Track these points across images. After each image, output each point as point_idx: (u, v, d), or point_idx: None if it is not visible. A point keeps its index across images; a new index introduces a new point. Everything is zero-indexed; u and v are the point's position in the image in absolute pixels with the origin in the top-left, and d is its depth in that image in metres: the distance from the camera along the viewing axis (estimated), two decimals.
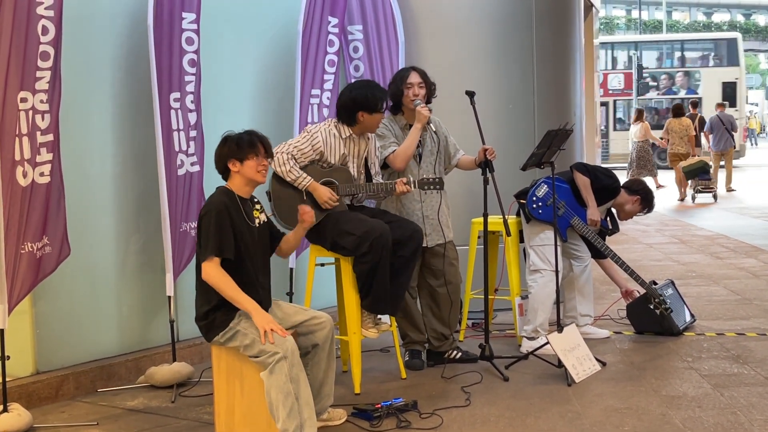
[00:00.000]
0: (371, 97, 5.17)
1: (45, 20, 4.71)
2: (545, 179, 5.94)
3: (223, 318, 4.16)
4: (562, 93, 7.69)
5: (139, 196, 5.80)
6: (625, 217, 6.37)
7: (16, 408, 4.66)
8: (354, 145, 5.28)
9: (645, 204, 6.31)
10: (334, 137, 5.20)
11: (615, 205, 6.29)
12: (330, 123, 5.28)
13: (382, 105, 5.21)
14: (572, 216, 5.99)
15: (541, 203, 5.92)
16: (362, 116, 5.19)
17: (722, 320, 6.76)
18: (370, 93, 5.18)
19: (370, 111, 5.18)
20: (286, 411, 3.96)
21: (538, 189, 5.94)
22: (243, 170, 4.23)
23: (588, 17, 13.26)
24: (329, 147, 5.17)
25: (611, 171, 6.30)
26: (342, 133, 5.23)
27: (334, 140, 5.20)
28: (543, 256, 5.91)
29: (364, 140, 5.34)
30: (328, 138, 5.19)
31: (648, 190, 6.35)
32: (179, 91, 5.55)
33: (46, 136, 4.77)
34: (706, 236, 12.04)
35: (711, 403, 4.73)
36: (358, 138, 5.29)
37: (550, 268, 5.86)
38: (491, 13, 7.28)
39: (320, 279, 5.60)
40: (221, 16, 6.29)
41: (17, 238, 4.62)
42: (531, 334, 5.90)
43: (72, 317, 5.44)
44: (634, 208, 6.30)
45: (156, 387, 5.41)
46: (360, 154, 5.33)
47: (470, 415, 4.67)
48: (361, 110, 5.17)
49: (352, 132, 5.23)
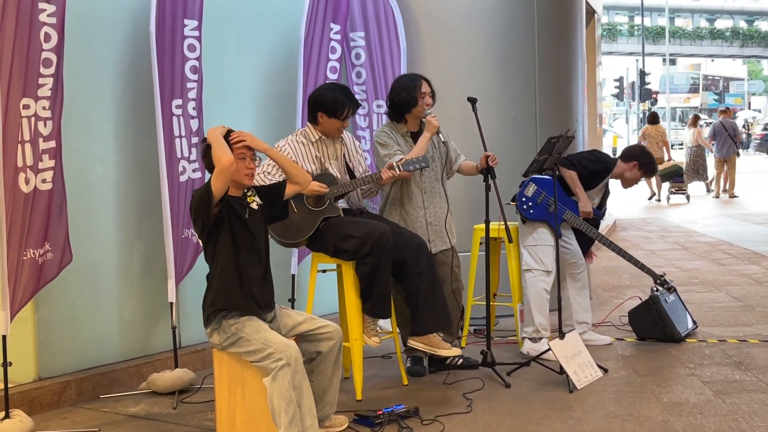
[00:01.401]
0: (332, 100, 5.19)
1: (47, 27, 4.73)
2: (532, 178, 5.94)
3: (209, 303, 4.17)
4: (563, 99, 7.69)
5: (141, 203, 5.81)
6: (629, 185, 6.34)
7: (18, 414, 4.66)
8: (326, 147, 5.30)
9: (644, 167, 6.26)
10: (302, 144, 5.24)
11: (614, 176, 6.27)
12: (297, 133, 5.34)
13: (342, 112, 5.21)
14: (564, 211, 5.97)
15: (531, 203, 5.93)
16: (321, 117, 5.23)
17: (724, 327, 6.76)
18: (332, 95, 5.20)
19: (328, 114, 5.21)
20: (288, 418, 3.96)
21: (527, 188, 5.96)
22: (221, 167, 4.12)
23: (590, 23, 13.27)
24: (299, 154, 5.20)
25: (596, 153, 6.28)
26: (311, 137, 5.27)
27: (303, 147, 5.24)
28: (535, 255, 5.92)
29: (339, 141, 5.36)
30: (297, 146, 5.23)
31: (645, 153, 6.31)
32: (181, 97, 5.56)
33: (49, 143, 4.78)
34: (709, 243, 12.03)
35: (713, 409, 4.72)
36: (331, 140, 5.31)
37: (542, 267, 5.87)
38: (493, 19, 7.29)
39: (322, 285, 5.60)
40: (223, 23, 6.31)
41: (19, 245, 4.63)
42: (531, 334, 5.91)
43: (74, 323, 5.44)
44: (634, 174, 6.27)
45: (158, 393, 5.41)
46: (337, 155, 5.34)
47: (472, 422, 4.67)
48: (320, 110, 5.22)
49: (320, 134, 5.26)
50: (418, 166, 5.27)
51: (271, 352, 4.02)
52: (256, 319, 4.16)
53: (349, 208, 5.32)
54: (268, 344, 4.04)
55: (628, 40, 63.78)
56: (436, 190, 5.63)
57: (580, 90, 8.09)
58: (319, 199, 5.13)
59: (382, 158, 5.48)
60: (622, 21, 67.46)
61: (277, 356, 3.99)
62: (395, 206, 5.59)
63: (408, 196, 5.55)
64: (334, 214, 5.17)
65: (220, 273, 4.18)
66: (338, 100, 5.19)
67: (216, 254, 4.19)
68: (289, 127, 6.52)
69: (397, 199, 5.58)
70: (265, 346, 4.04)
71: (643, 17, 51.38)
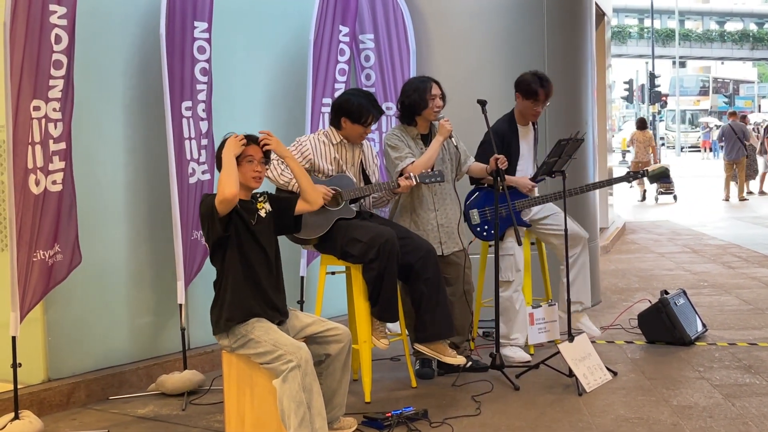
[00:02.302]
0: (357, 106, 5.19)
1: (58, 29, 4.74)
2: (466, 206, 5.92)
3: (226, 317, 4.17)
4: (573, 102, 7.68)
5: (150, 204, 5.82)
6: (533, 117, 6.05)
7: (28, 415, 4.67)
8: (346, 151, 5.30)
9: (524, 93, 5.94)
10: (323, 144, 5.24)
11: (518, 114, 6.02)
12: (320, 132, 5.35)
13: (366, 119, 5.21)
14: (514, 205, 5.84)
15: (486, 226, 5.91)
16: (345, 122, 5.23)
17: (734, 330, 6.74)
18: (358, 102, 5.20)
19: (352, 120, 5.21)
20: (297, 420, 3.96)
21: (472, 218, 5.93)
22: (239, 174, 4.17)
23: (600, 26, 13.25)
24: (319, 153, 5.20)
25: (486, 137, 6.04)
26: (333, 139, 5.27)
27: (323, 147, 5.24)
28: (507, 265, 5.89)
29: (358, 147, 5.36)
30: (318, 145, 5.23)
31: (518, 81, 6.01)
32: (191, 99, 5.57)
33: (59, 145, 4.79)
34: (718, 245, 12.00)
35: (722, 413, 4.71)
36: (351, 145, 5.31)
37: (511, 278, 5.85)
38: (503, 21, 7.27)
39: (331, 287, 5.60)
40: (233, 25, 6.32)
41: (29, 246, 4.64)
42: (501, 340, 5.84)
43: (83, 325, 5.45)
44: (524, 104, 5.97)
45: (167, 395, 5.41)
46: (354, 161, 5.34)
47: (481, 424, 4.66)
48: (344, 116, 5.22)
49: (342, 138, 5.26)
50: (434, 180, 5.28)
51: (282, 354, 4.02)
52: (266, 321, 4.17)
53: (360, 211, 5.32)
54: (278, 346, 4.04)
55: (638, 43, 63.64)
56: (447, 193, 5.62)
57: (589, 92, 8.08)
58: (334, 198, 5.14)
59: (392, 161, 5.47)
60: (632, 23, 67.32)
61: (287, 358, 3.99)
62: (406, 209, 5.59)
63: (419, 199, 5.55)
64: (348, 215, 5.17)
65: (232, 286, 4.18)
66: (363, 106, 5.19)
67: (225, 264, 4.20)
68: (299, 128, 6.53)
69: (407, 202, 5.57)
70: (276, 348, 4.04)
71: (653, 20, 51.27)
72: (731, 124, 19.50)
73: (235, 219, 4.14)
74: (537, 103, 5.94)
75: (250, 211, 4.23)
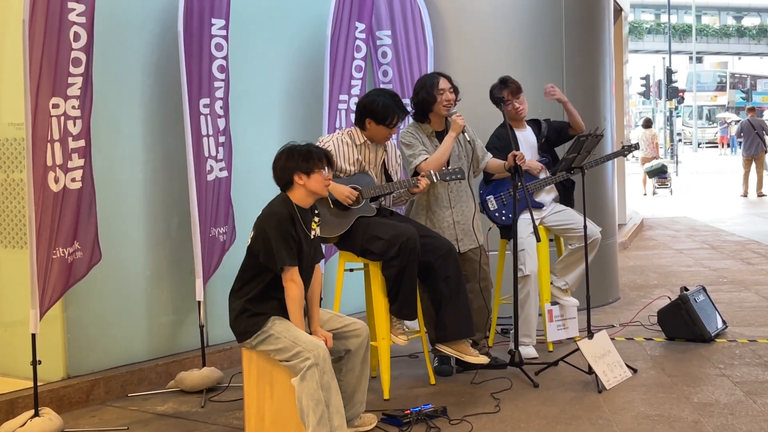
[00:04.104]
0: (382, 107, 5.17)
1: (77, 27, 4.75)
2: (481, 195, 5.97)
3: (249, 322, 4.17)
4: (592, 98, 7.64)
5: (168, 202, 5.83)
6: (516, 117, 6.04)
7: (48, 412, 4.68)
8: (369, 152, 5.29)
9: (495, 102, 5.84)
10: (345, 144, 5.23)
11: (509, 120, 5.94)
12: (344, 132, 5.34)
13: (391, 120, 5.20)
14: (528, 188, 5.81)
15: (503, 210, 5.94)
16: (369, 123, 5.22)
17: (754, 327, 6.70)
18: (383, 103, 5.18)
19: (377, 121, 5.20)
20: (316, 418, 3.96)
21: (488, 205, 5.96)
22: (309, 183, 4.21)
23: (617, 21, 13.19)
24: (341, 153, 5.20)
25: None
26: (356, 140, 5.26)
27: (345, 147, 5.23)
28: (522, 259, 5.87)
29: (381, 148, 5.35)
30: (340, 145, 5.22)
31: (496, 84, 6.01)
32: (209, 96, 5.57)
33: (78, 142, 4.80)
34: (737, 242, 11.94)
35: (744, 410, 4.68)
36: (374, 146, 5.30)
37: (526, 272, 5.85)
38: (521, 17, 7.26)
39: (349, 284, 5.60)
40: (250, 22, 6.32)
41: (49, 244, 4.65)
42: None
43: (102, 322, 5.47)
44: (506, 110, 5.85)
45: (186, 392, 5.42)
46: (377, 162, 5.33)
47: (500, 422, 4.64)
48: (369, 117, 5.20)
49: (366, 138, 5.25)
50: (455, 177, 5.28)
51: (300, 351, 4.01)
52: (286, 320, 4.17)
53: (380, 209, 5.31)
54: (297, 342, 4.04)
55: (655, 38, 63.38)
56: (463, 190, 5.61)
57: (608, 88, 8.04)
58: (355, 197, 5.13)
59: (407, 158, 5.47)
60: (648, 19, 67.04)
61: (305, 355, 3.99)
62: (422, 207, 5.57)
63: (434, 196, 5.54)
64: (369, 213, 5.17)
65: (265, 299, 4.20)
66: (388, 107, 5.18)
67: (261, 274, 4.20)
68: (315, 125, 6.53)
69: (423, 200, 5.56)
70: (294, 345, 4.04)
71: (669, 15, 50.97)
72: (750, 119, 19.41)
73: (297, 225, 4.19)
74: (510, 102, 5.96)
75: (306, 222, 4.26)
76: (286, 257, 4.09)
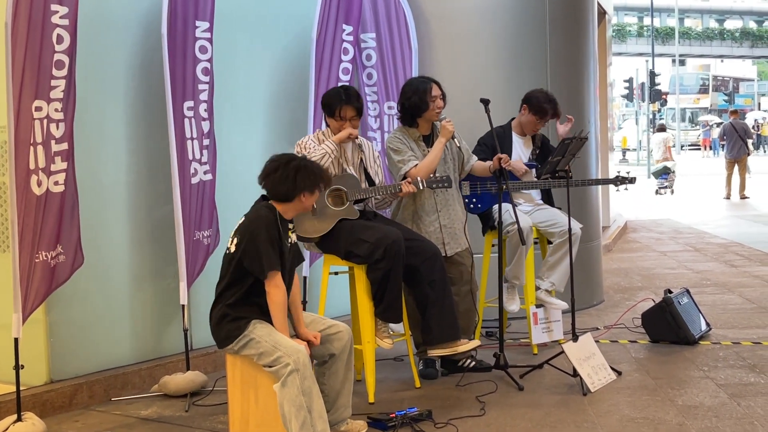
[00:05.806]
0: (327, 99, 5.25)
1: (60, 29, 4.72)
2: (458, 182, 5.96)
3: (231, 327, 4.15)
4: (576, 100, 7.66)
5: (152, 205, 5.80)
6: (531, 131, 6.20)
7: (30, 417, 4.66)
8: (343, 149, 5.29)
9: (532, 108, 6.09)
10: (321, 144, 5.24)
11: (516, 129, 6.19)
12: (318, 132, 5.38)
13: (336, 111, 5.19)
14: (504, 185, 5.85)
15: (474, 199, 5.99)
16: (327, 119, 5.29)
17: (738, 329, 6.72)
18: (329, 94, 5.26)
19: (328, 114, 5.26)
20: (299, 424, 3.95)
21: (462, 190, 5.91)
22: (307, 201, 4.25)
23: (601, 24, 13.23)
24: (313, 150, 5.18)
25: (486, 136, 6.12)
26: (323, 138, 5.27)
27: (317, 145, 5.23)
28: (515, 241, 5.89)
29: (356, 149, 5.35)
30: (314, 144, 5.22)
31: (529, 96, 6.17)
32: (193, 99, 5.55)
33: (61, 145, 4.77)
34: (721, 244, 11.99)
35: (728, 412, 4.69)
36: (348, 145, 5.32)
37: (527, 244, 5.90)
38: (505, 20, 7.26)
39: (334, 288, 5.59)
40: (235, 24, 6.30)
41: (31, 247, 4.63)
42: None
43: (86, 326, 5.43)
44: (528, 118, 6.12)
45: (170, 396, 5.40)
46: (354, 160, 5.33)
47: (485, 425, 4.64)
48: (324, 113, 5.29)
49: None
50: (442, 185, 5.27)
51: (280, 356, 4.00)
52: (268, 324, 4.15)
53: (363, 211, 5.30)
54: (277, 347, 4.03)
55: (638, 41, 63.64)
56: (450, 193, 5.60)
57: (592, 91, 8.06)
58: (339, 199, 5.12)
59: (395, 164, 5.45)
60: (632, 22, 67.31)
61: (285, 360, 3.98)
62: (408, 210, 5.57)
63: (421, 201, 5.53)
64: (352, 216, 5.15)
65: (245, 303, 4.18)
66: (332, 98, 5.21)
67: (243, 279, 4.18)
68: (301, 128, 6.50)
69: (410, 203, 5.55)
70: (275, 349, 4.03)
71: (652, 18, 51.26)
72: (732, 122, 19.53)
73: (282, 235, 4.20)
74: (541, 121, 6.11)
75: (285, 230, 4.25)
76: (274, 262, 4.08)
